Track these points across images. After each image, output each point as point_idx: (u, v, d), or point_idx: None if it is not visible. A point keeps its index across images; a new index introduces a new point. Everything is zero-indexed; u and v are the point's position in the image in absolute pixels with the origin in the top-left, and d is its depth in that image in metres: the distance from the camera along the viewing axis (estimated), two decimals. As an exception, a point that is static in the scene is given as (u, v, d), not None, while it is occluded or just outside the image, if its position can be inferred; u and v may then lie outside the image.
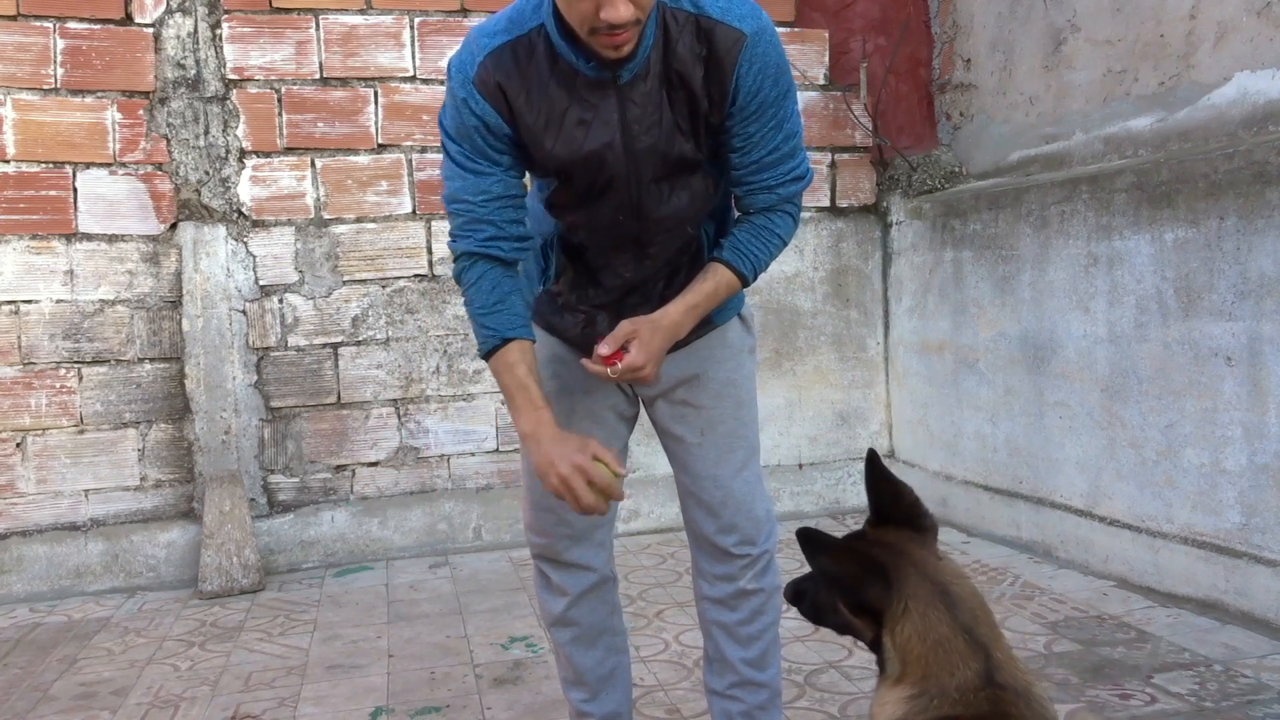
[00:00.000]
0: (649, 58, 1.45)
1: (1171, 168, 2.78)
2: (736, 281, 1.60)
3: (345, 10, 3.60)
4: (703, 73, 1.46)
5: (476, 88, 1.45)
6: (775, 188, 1.57)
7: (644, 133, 1.49)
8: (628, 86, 1.46)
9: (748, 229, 1.60)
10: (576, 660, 1.80)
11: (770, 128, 1.51)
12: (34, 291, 3.38)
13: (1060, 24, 3.40)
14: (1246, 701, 2.16)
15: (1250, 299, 2.55)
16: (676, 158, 1.53)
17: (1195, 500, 2.74)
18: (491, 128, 1.47)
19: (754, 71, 1.45)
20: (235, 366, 3.52)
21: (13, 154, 3.36)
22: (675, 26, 1.44)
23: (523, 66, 1.45)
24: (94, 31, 3.41)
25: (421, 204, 3.70)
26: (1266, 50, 2.68)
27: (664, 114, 1.48)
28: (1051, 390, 3.24)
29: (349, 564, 3.60)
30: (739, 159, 1.54)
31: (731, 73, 1.45)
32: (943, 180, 3.93)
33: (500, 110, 1.46)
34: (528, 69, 1.45)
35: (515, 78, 1.45)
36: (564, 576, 1.76)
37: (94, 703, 2.47)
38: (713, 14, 1.44)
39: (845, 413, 4.09)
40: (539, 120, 1.47)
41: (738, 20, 1.44)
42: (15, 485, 3.37)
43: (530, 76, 1.45)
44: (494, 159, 1.49)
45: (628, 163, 1.52)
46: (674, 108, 1.48)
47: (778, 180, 1.56)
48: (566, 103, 1.47)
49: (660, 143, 1.50)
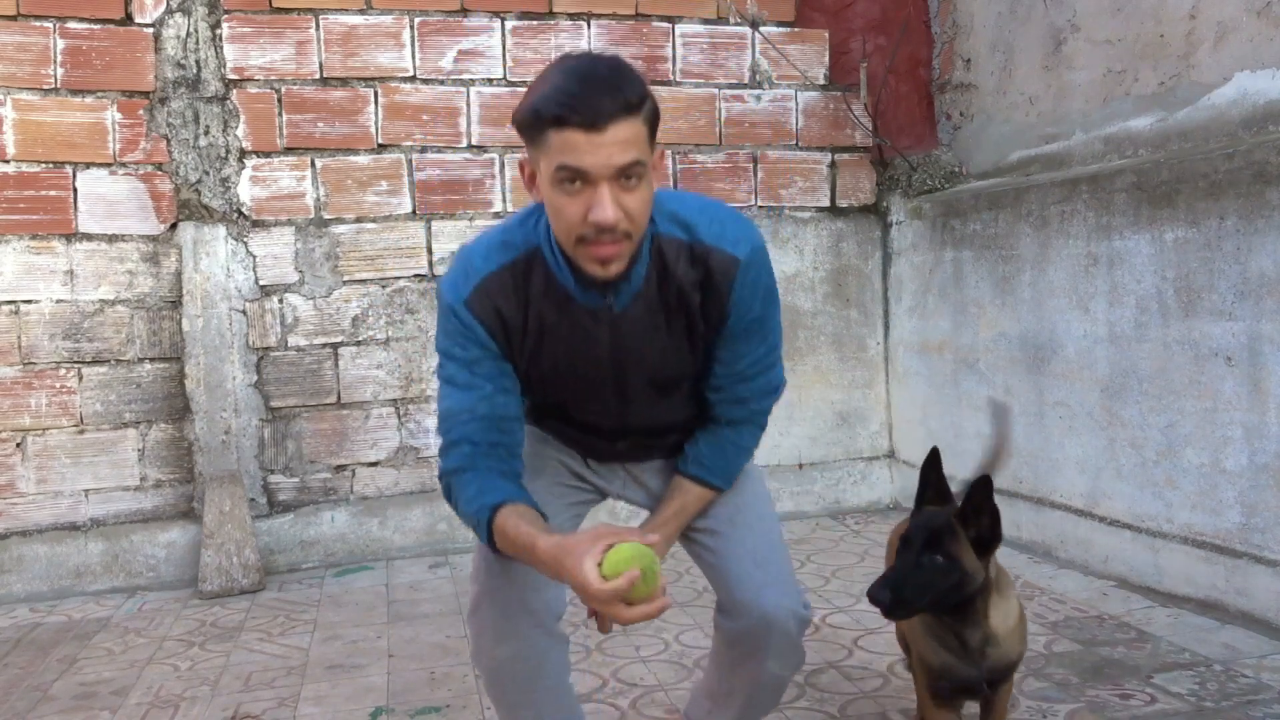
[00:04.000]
0: (641, 288, 1.46)
1: (1171, 168, 2.78)
2: (709, 493, 1.62)
3: (345, 10, 3.61)
4: (700, 297, 1.47)
5: (472, 309, 1.45)
6: (749, 400, 1.59)
7: (636, 360, 1.51)
8: (621, 315, 1.47)
9: (713, 443, 1.61)
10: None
11: (755, 342, 1.54)
12: (34, 291, 3.38)
13: (1060, 24, 3.40)
14: (1246, 701, 2.16)
15: (1250, 299, 2.55)
16: (669, 378, 1.56)
17: (1195, 500, 2.74)
18: (483, 345, 1.46)
19: (746, 295, 1.48)
20: (235, 366, 3.52)
21: (13, 154, 3.36)
22: (671, 253, 1.46)
23: (518, 288, 1.46)
24: (94, 31, 3.41)
25: (421, 204, 3.70)
26: (1266, 50, 2.68)
27: (660, 339, 1.50)
28: (1051, 390, 3.24)
29: (349, 564, 3.60)
30: (721, 369, 1.55)
31: (728, 296, 1.47)
32: (943, 180, 3.93)
33: (494, 331, 1.46)
34: (523, 290, 1.46)
35: (510, 300, 1.46)
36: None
37: (94, 703, 2.47)
38: (707, 240, 1.46)
39: (845, 413, 4.09)
40: (530, 340, 1.48)
41: (732, 245, 1.46)
42: (15, 485, 3.37)
43: (525, 298, 1.46)
44: (484, 376, 1.47)
45: (615, 385, 1.54)
46: (672, 332, 1.50)
47: (753, 394, 1.59)
48: (559, 325, 1.47)
49: (653, 367, 1.53)
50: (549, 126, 1.29)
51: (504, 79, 3.77)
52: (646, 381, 1.55)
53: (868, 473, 4.11)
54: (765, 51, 4.01)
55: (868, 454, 4.12)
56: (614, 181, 1.30)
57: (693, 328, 1.50)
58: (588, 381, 1.54)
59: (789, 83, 4.04)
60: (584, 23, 3.84)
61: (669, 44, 3.92)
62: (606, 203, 1.29)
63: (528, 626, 1.52)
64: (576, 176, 1.29)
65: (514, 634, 1.50)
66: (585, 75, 1.30)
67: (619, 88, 1.29)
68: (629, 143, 1.29)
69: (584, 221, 1.31)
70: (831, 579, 3.18)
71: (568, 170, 1.29)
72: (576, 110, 1.27)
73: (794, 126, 4.05)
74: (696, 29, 3.95)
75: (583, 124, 1.27)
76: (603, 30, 3.85)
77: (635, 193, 1.32)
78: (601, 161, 1.28)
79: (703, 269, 1.46)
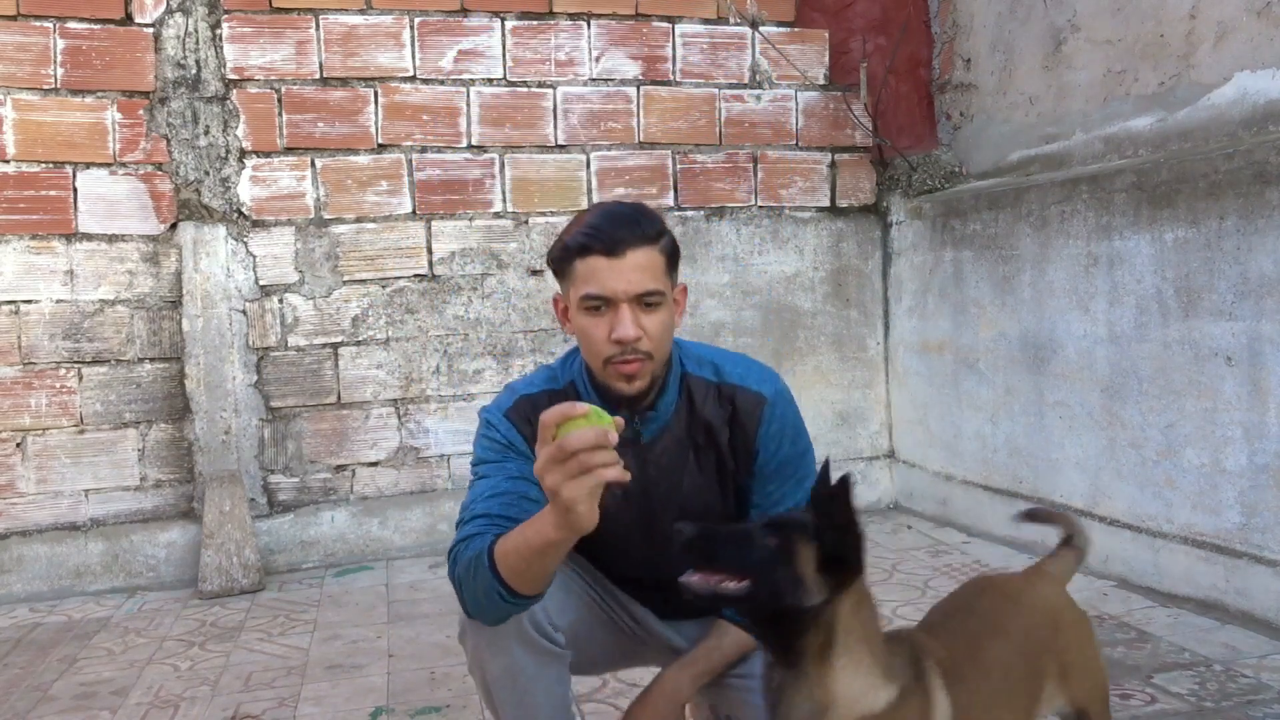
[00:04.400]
0: (670, 422, 1.55)
1: (1171, 168, 2.78)
2: (749, 638, 1.53)
3: (345, 10, 3.61)
4: (728, 434, 1.55)
5: (510, 419, 1.54)
6: None
7: (664, 495, 1.55)
8: (648, 446, 1.54)
9: None
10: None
11: (790, 485, 1.56)
12: (34, 291, 3.38)
13: (1060, 24, 3.40)
14: (1246, 701, 2.16)
15: (1250, 299, 2.55)
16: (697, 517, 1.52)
17: (1195, 500, 2.74)
18: (516, 449, 1.52)
19: (774, 431, 1.55)
20: (235, 366, 3.52)
21: (13, 154, 3.36)
22: (699, 392, 1.56)
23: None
24: (94, 31, 3.41)
25: (421, 204, 3.70)
26: (1266, 50, 2.68)
27: (690, 475, 1.56)
28: (1051, 390, 3.24)
29: (349, 564, 3.60)
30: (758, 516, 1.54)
31: (755, 432, 1.54)
32: (943, 180, 3.93)
33: (529, 440, 1.49)
34: None
35: None
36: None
37: (94, 703, 2.47)
38: (733, 380, 1.57)
39: (845, 413, 4.09)
40: None
41: (757, 384, 1.57)
42: (15, 485, 3.37)
43: None
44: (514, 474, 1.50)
45: (641, 520, 1.56)
46: (701, 469, 1.56)
47: None
48: None
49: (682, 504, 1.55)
50: (575, 257, 1.44)
51: (504, 79, 3.77)
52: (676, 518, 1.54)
53: (868, 473, 4.11)
54: (765, 51, 4.01)
55: (868, 454, 4.12)
56: (634, 304, 1.43)
57: (722, 466, 1.56)
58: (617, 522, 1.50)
59: (789, 83, 4.04)
60: (584, 23, 3.84)
61: (669, 44, 3.92)
62: (627, 321, 1.42)
63: (516, 644, 1.50)
64: (600, 301, 1.43)
65: (504, 650, 1.49)
66: (608, 213, 1.47)
67: (638, 222, 1.45)
68: (646, 269, 1.43)
69: (608, 341, 1.43)
70: (831, 579, 3.18)
71: (591, 297, 1.43)
72: (599, 239, 1.42)
73: (794, 126, 4.05)
74: (696, 29, 3.95)
75: (604, 251, 1.42)
76: (603, 30, 3.85)
77: (654, 316, 1.45)
78: (621, 286, 1.42)
79: (730, 406, 1.55)
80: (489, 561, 1.32)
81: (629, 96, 3.89)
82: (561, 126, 3.83)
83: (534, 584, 1.33)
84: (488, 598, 1.34)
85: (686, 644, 1.66)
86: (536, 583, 1.33)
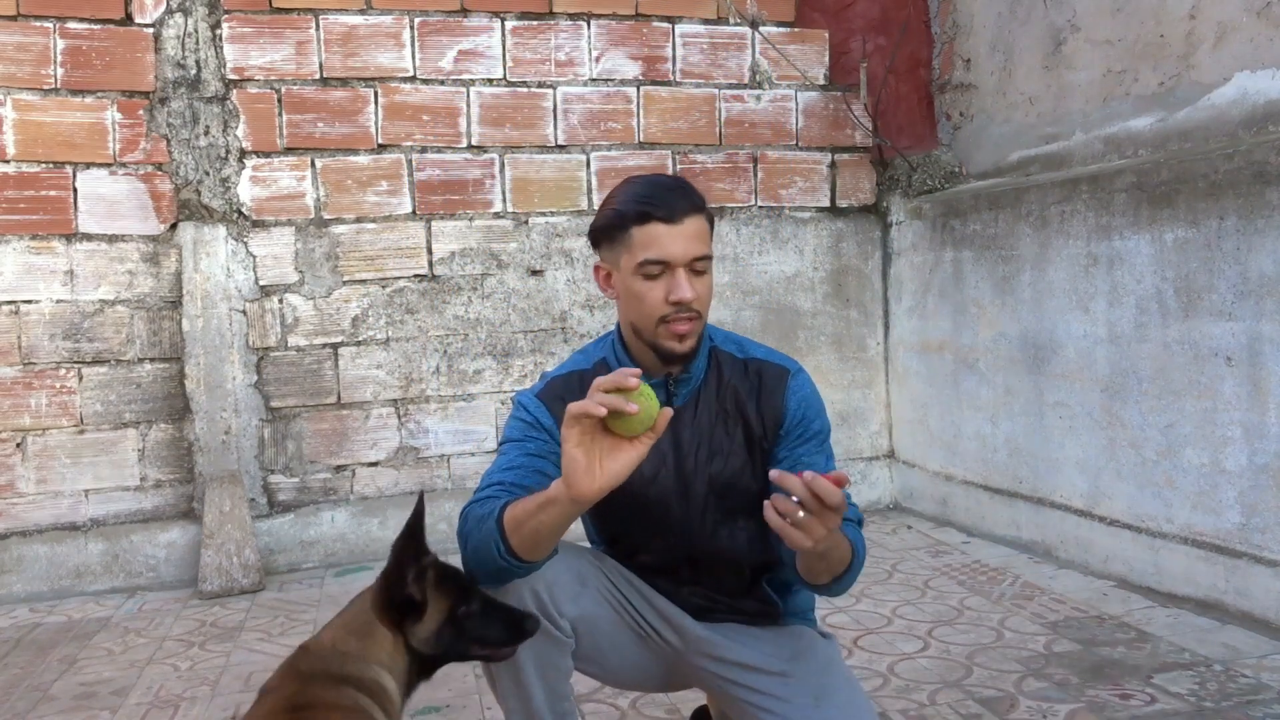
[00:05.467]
0: (700, 387, 1.63)
1: (1171, 168, 2.78)
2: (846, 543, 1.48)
3: (345, 10, 3.61)
4: (755, 403, 1.63)
5: (541, 399, 1.62)
6: None
7: (696, 455, 1.61)
8: (681, 410, 1.61)
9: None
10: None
11: (816, 451, 1.61)
12: (34, 291, 3.38)
13: (1060, 24, 3.40)
14: (1246, 701, 2.16)
15: (1250, 299, 2.55)
16: (728, 482, 1.61)
17: (1195, 500, 2.74)
18: (543, 427, 1.58)
19: (799, 400, 1.63)
20: (235, 366, 3.52)
21: (13, 154, 3.36)
22: (726, 363, 1.65)
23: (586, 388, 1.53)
24: (94, 31, 3.41)
25: (421, 204, 3.70)
26: (1266, 50, 2.68)
27: (719, 439, 1.62)
28: (1051, 390, 3.24)
29: (349, 564, 3.60)
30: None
31: (781, 400, 1.62)
32: (943, 180, 3.93)
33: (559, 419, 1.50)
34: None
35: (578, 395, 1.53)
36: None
37: (94, 703, 2.47)
38: (759, 356, 1.67)
39: (845, 413, 4.09)
40: None
41: (781, 360, 1.67)
42: (15, 485, 3.37)
43: None
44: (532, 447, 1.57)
45: (678, 483, 1.61)
46: (729, 435, 1.62)
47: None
48: None
49: (714, 468, 1.61)
50: (632, 224, 1.53)
51: (504, 79, 3.77)
52: (708, 486, 1.61)
53: (868, 473, 4.11)
54: (765, 51, 4.01)
55: (868, 454, 4.12)
56: (688, 267, 1.52)
57: (749, 432, 1.62)
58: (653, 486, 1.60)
59: (789, 83, 4.04)
60: (584, 23, 3.84)
61: (669, 44, 3.92)
62: (684, 284, 1.51)
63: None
64: (661, 265, 1.52)
65: None
66: (658, 183, 1.57)
67: (688, 191, 1.55)
68: (699, 236, 1.54)
69: (665, 303, 1.52)
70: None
71: (652, 262, 1.52)
72: (659, 207, 1.51)
73: (794, 126, 4.06)
74: (696, 29, 3.95)
75: (664, 218, 1.51)
76: (603, 30, 3.85)
77: (703, 279, 1.55)
78: (680, 250, 1.51)
79: (756, 379, 1.64)
80: (499, 514, 1.38)
81: (629, 96, 3.89)
82: (561, 127, 3.83)
83: (529, 546, 1.37)
84: (485, 548, 1.39)
85: (729, 645, 1.64)
86: (531, 546, 1.37)
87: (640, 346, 1.60)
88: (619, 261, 1.57)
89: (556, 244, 3.81)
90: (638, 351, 1.61)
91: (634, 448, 1.30)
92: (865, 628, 2.71)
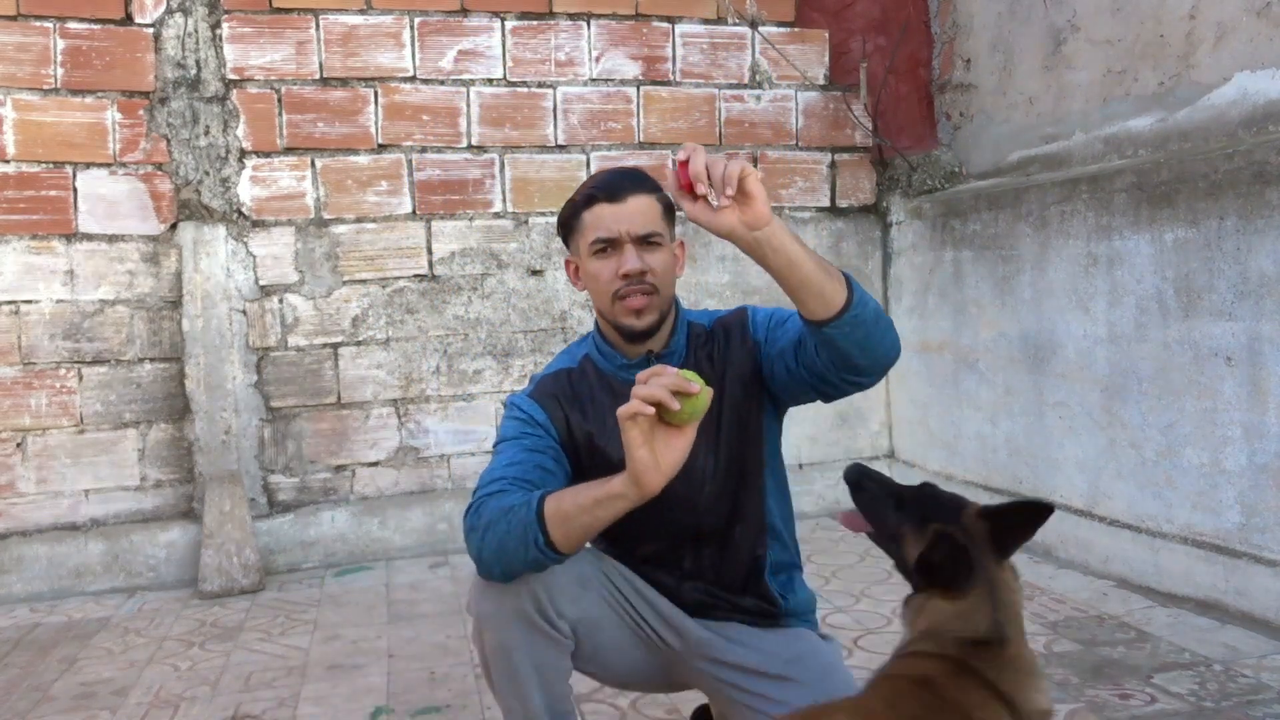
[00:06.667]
0: (685, 359, 1.68)
1: (1171, 168, 2.78)
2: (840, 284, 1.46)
3: (345, 10, 3.61)
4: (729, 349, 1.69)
5: (534, 398, 1.67)
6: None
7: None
8: None
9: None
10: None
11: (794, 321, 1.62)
12: (34, 291, 3.38)
13: (1060, 24, 3.40)
14: (1246, 701, 2.16)
15: (1250, 299, 2.55)
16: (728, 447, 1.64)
17: (1195, 500, 2.74)
18: (539, 424, 1.63)
19: (761, 315, 1.70)
20: (235, 366, 3.52)
21: (13, 154, 3.36)
22: (699, 332, 1.72)
23: (575, 384, 1.68)
24: (94, 31, 3.41)
25: (421, 204, 3.70)
26: (1266, 50, 2.68)
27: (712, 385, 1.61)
28: (1051, 390, 3.24)
29: (349, 564, 3.60)
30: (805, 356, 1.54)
31: (749, 329, 1.70)
32: (943, 180, 3.93)
33: (552, 415, 1.65)
34: (580, 386, 1.68)
35: (568, 392, 1.68)
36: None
37: (94, 703, 2.47)
38: (721, 315, 1.75)
39: (845, 412, 4.09)
40: (592, 425, 1.64)
41: (734, 311, 1.76)
42: (15, 485, 3.37)
43: (582, 392, 1.67)
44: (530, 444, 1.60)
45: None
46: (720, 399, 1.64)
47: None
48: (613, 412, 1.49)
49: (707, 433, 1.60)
50: (582, 209, 1.62)
51: (504, 79, 3.77)
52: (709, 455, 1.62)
53: (868, 473, 4.10)
54: (765, 51, 4.01)
55: (868, 454, 4.12)
56: (637, 243, 1.58)
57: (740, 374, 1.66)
58: None
59: (789, 83, 4.04)
60: (584, 23, 3.84)
61: (669, 44, 3.92)
62: (631, 256, 1.57)
63: (515, 622, 1.51)
64: (606, 243, 1.59)
65: (502, 626, 1.51)
66: (608, 172, 1.67)
67: (635, 175, 1.64)
68: (644, 212, 1.60)
69: (615, 277, 1.58)
70: (832, 579, 3.18)
71: (599, 240, 1.59)
72: (602, 189, 1.61)
73: (794, 126, 4.06)
74: (696, 29, 3.95)
75: (607, 198, 1.59)
76: (603, 30, 3.85)
77: (656, 254, 1.60)
78: (624, 227, 1.58)
79: (723, 332, 1.71)
80: (538, 506, 1.39)
81: (629, 96, 3.89)
82: (561, 126, 3.83)
83: (575, 540, 1.40)
84: (516, 539, 1.40)
85: (729, 647, 1.64)
86: (578, 540, 1.41)
87: (613, 333, 1.65)
88: (580, 249, 1.64)
89: (556, 244, 3.81)
90: (614, 340, 1.66)
91: (684, 436, 1.33)
92: (865, 628, 2.71)
